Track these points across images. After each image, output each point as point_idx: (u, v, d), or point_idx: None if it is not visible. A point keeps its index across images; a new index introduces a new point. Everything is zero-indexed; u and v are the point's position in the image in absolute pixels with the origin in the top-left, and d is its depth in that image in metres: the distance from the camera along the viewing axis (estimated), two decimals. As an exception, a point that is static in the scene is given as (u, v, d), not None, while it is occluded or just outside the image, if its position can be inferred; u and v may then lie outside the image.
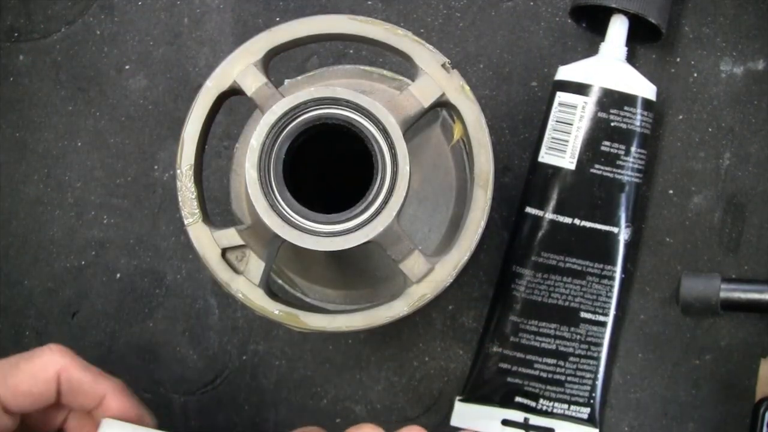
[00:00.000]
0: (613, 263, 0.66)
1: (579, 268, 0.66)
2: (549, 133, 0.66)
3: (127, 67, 0.71)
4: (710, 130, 0.68)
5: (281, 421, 0.69)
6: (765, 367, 0.66)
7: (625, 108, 0.65)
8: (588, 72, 0.65)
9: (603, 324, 0.66)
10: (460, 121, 0.56)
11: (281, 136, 0.54)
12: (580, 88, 0.65)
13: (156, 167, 0.70)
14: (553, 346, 0.66)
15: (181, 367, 0.69)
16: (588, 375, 0.66)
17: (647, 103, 0.65)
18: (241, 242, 0.55)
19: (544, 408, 0.66)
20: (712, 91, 0.68)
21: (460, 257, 0.55)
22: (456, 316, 0.69)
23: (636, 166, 0.65)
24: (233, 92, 0.56)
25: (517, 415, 0.67)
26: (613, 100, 0.65)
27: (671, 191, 0.68)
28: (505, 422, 0.67)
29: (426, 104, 0.55)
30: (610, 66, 0.65)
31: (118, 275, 0.70)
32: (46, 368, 0.52)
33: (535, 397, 0.66)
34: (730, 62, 0.68)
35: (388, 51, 0.57)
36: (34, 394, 0.51)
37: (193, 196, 0.55)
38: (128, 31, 0.71)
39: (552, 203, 0.65)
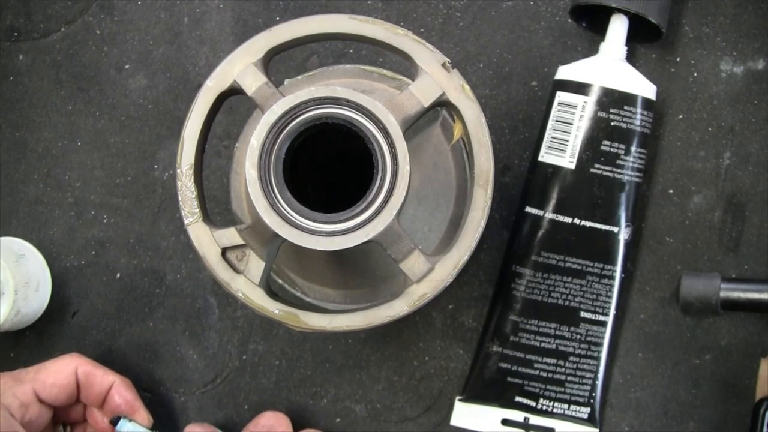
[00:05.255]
0: (613, 263, 0.66)
1: (579, 267, 0.66)
2: (549, 133, 0.66)
3: (127, 66, 0.71)
4: (710, 129, 0.68)
5: (281, 421, 0.69)
6: (765, 367, 0.66)
7: (625, 107, 0.65)
8: (588, 71, 0.65)
9: (603, 324, 0.66)
10: (460, 120, 0.56)
11: (281, 136, 0.54)
12: (580, 88, 0.65)
13: (156, 167, 0.70)
14: (553, 346, 0.66)
15: (181, 367, 0.69)
16: (588, 375, 0.66)
17: (647, 103, 0.65)
18: (241, 242, 0.55)
19: (544, 408, 0.66)
20: (712, 90, 0.68)
21: (460, 257, 0.55)
22: (456, 315, 0.69)
23: (636, 165, 0.65)
24: (233, 92, 0.56)
25: (517, 415, 0.67)
26: (613, 99, 0.65)
27: (671, 191, 0.68)
28: (505, 422, 0.67)
29: (426, 104, 0.55)
30: (610, 65, 0.65)
31: (118, 275, 0.70)
32: (67, 364, 0.64)
33: (535, 397, 0.66)
34: (730, 62, 0.68)
35: (388, 50, 0.57)
36: (59, 386, 0.64)
37: (193, 196, 0.55)
38: (128, 31, 0.71)
39: (552, 203, 0.65)
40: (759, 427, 0.63)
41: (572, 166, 0.65)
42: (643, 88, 0.65)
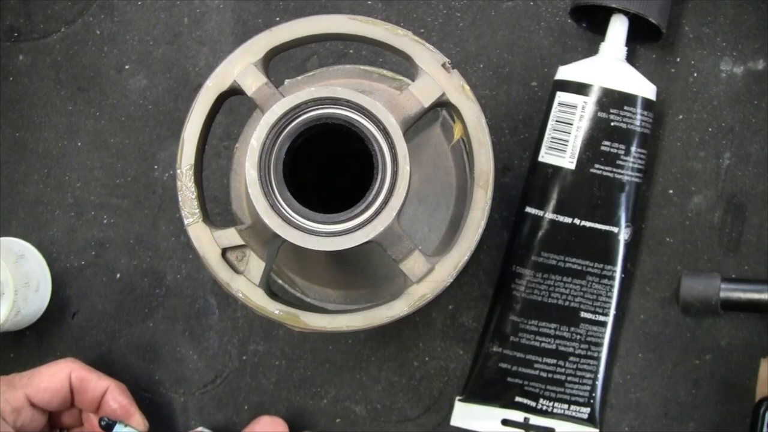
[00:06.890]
0: (613, 263, 0.66)
1: (579, 268, 0.66)
2: (549, 133, 0.66)
3: (127, 67, 0.71)
4: (710, 130, 0.68)
5: (281, 421, 0.69)
6: (765, 367, 0.65)
7: (625, 108, 0.65)
8: (588, 72, 0.65)
9: (603, 324, 0.66)
10: (460, 120, 0.56)
11: (281, 136, 0.54)
12: (580, 88, 0.65)
13: (156, 167, 0.70)
14: (553, 346, 0.66)
15: (180, 368, 0.69)
16: (588, 375, 0.66)
17: (647, 103, 0.65)
18: (241, 242, 0.55)
19: (544, 408, 0.66)
20: (712, 91, 0.68)
21: (460, 257, 0.55)
22: (456, 316, 0.69)
23: (636, 165, 0.65)
24: (233, 92, 0.56)
25: (517, 415, 0.67)
26: (613, 99, 0.65)
27: (671, 191, 0.68)
28: (505, 422, 0.67)
29: (426, 104, 0.55)
30: (610, 66, 0.65)
31: (118, 275, 0.70)
32: (60, 369, 0.64)
33: (535, 397, 0.66)
34: (730, 62, 0.68)
35: (388, 51, 0.57)
36: (52, 390, 0.63)
37: (193, 196, 0.55)
38: (128, 31, 0.71)
39: (552, 203, 0.65)
40: (759, 427, 0.63)
41: (572, 166, 0.65)
42: (643, 88, 0.65)
